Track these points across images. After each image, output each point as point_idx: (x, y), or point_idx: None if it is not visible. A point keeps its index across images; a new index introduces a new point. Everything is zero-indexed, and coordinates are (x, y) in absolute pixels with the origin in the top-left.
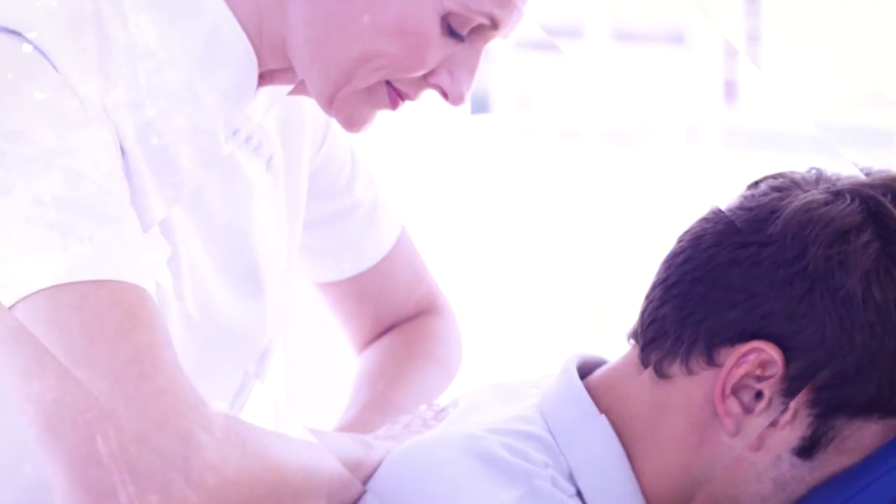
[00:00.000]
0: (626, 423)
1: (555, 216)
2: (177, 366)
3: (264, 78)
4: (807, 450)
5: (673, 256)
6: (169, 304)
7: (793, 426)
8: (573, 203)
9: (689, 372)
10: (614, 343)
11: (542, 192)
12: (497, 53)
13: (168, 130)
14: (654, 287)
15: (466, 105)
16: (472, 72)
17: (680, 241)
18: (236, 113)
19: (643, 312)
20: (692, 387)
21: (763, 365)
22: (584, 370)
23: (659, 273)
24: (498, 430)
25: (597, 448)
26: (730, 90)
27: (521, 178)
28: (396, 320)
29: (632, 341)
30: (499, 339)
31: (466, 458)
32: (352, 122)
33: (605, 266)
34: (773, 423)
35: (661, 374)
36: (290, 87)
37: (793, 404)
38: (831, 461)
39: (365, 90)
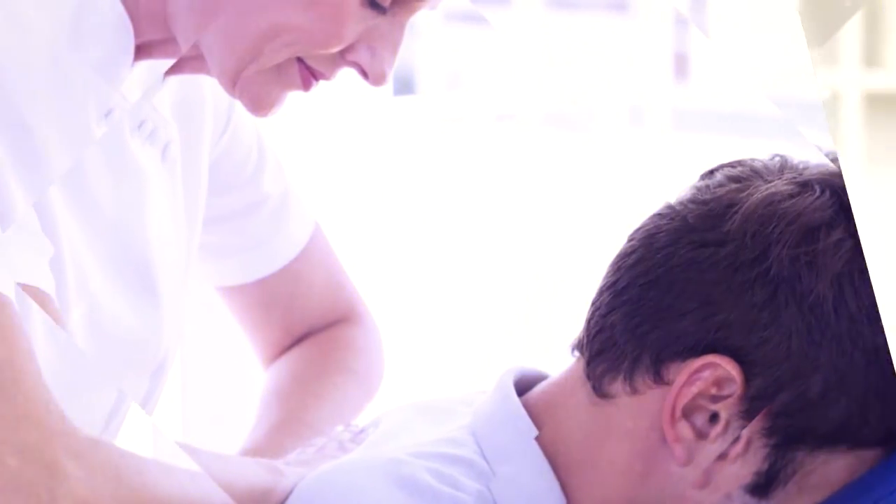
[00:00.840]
0: (561, 449)
1: (489, 210)
2: (41, 384)
3: (142, 50)
4: (762, 487)
5: (623, 257)
6: (32, 311)
7: (745, 459)
8: (509, 196)
9: (634, 391)
10: (559, 355)
11: (475, 184)
12: (423, 27)
13: (28, 108)
14: (601, 292)
15: (389, 85)
16: (395, 48)
17: (631, 239)
18: (110, 90)
19: (588, 321)
20: (637, 408)
21: (719, 383)
22: (523, 386)
23: (607, 276)
24: (424, 453)
25: (525, 477)
26: (680, 65)
27: (451, 168)
28: (310, 329)
29: (576, 353)
30: (426, 351)
31: (387, 485)
32: (259, 105)
33: (547, 267)
34: (723, 456)
35: (600, 392)
36: (181, 64)
37: (745, 433)
38: (791, 500)
39: (273, 68)
